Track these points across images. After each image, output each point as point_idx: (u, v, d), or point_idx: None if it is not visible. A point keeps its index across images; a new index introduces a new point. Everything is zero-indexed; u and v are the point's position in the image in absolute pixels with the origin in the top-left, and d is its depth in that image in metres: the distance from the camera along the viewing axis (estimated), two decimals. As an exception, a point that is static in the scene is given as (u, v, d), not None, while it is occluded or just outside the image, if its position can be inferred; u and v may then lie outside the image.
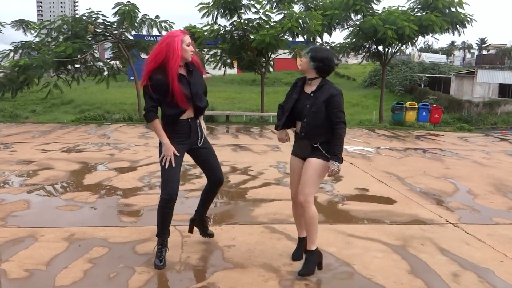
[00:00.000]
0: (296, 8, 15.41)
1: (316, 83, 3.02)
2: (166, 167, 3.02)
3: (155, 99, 2.99)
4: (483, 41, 76.75)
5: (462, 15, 14.81)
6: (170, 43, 2.94)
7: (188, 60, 3.04)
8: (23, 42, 14.44)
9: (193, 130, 3.14)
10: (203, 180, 5.82)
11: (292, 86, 3.16)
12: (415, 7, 15.65)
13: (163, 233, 3.13)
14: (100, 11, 14.31)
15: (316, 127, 2.97)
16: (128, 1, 14.13)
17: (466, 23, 14.97)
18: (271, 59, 16.21)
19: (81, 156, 7.54)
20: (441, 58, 46.14)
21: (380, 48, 16.05)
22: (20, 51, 14.36)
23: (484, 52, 67.35)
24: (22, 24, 15.19)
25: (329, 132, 2.96)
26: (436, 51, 59.95)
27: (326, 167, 2.97)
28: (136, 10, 14.14)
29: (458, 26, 15.04)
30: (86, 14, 14.40)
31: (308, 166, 3.00)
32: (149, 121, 3.08)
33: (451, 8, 14.85)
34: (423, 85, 29.11)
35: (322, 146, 2.99)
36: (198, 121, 3.19)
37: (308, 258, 3.04)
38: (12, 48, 14.31)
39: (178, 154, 3.06)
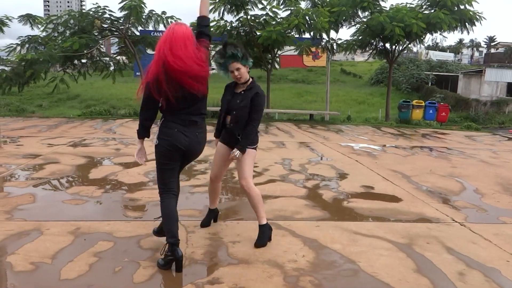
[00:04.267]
0: (303, 4, 15.32)
1: (249, 84, 3.46)
2: None
3: None
4: (491, 39, 76.04)
5: (471, 13, 14.64)
6: None
7: None
8: (30, 37, 14.48)
9: None
10: (208, 176, 5.83)
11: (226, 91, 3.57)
12: (423, 4, 15.51)
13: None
14: (107, 6, 14.31)
15: (239, 121, 3.41)
16: (135, -4, 14.11)
17: (475, 21, 14.80)
18: (277, 55, 16.16)
19: (87, 150, 7.56)
20: (448, 56, 45.84)
21: (387, 45, 15.93)
22: (27, 45, 14.40)
23: (492, 50, 66.68)
24: (29, 18, 15.22)
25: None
26: (443, 49, 59.52)
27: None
28: (143, 5, 14.13)
29: (466, 24, 14.88)
30: (93, 9, 14.40)
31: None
32: None
33: (460, 6, 14.69)
34: (430, 83, 28.91)
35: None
36: None
37: (262, 232, 3.48)
38: (19, 43, 14.35)
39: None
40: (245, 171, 3.44)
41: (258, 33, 14.11)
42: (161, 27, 15.33)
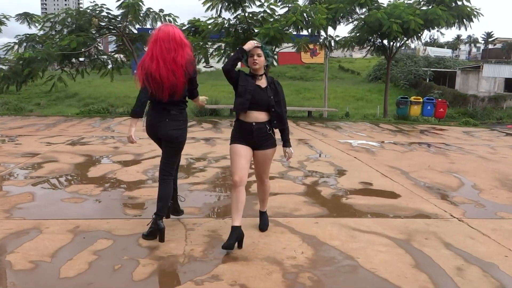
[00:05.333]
0: (301, 1, 15.29)
1: (264, 77, 3.43)
2: None
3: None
4: (489, 35, 76.04)
5: (468, 9, 14.64)
6: None
7: None
8: (28, 35, 14.42)
9: None
10: (207, 174, 5.87)
11: (243, 79, 3.36)
12: (421, 0, 15.51)
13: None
14: (104, 4, 14.26)
15: (282, 116, 3.43)
16: (132, -6, 14.07)
17: (472, 17, 14.81)
18: (275, 52, 16.13)
19: (85, 149, 7.56)
20: (446, 52, 45.84)
21: (385, 42, 15.94)
22: (25, 44, 14.35)
23: (490, 46, 66.73)
24: (26, 17, 15.16)
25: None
26: (441, 45, 59.47)
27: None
28: (140, 3, 14.09)
29: (464, 20, 14.88)
30: (90, 7, 14.35)
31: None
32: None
33: (458, 2, 14.69)
34: (428, 80, 28.94)
35: (273, 133, 3.50)
36: None
37: (265, 217, 3.76)
38: (17, 41, 14.30)
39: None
40: (268, 170, 3.65)
41: (256, 30, 14.07)
42: (159, 25, 15.29)
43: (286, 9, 14.41)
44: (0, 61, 15.03)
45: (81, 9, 15.34)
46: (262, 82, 3.38)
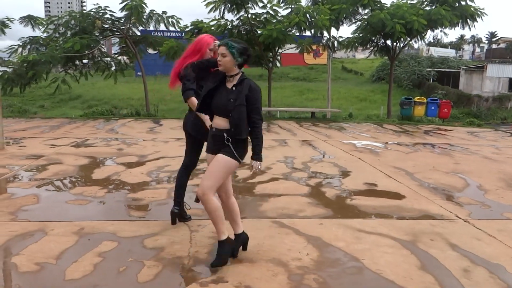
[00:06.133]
0: (304, 2, 15.30)
1: (237, 78, 3.00)
2: None
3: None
4: (493, 35, 75.80)
5: (472, 9, 14.58)
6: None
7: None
8: (32, 38, 14.51)
9: None
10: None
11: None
12: (424, 0, 15.47)
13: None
14: (108, 7, 14.36)
15: (239, 124, 2.93)
16: (135, -4, 14.13)
17: (476, 16, 14.74)
18: (278, 54, 16.14)
19: (89, 151, 7.57)
20: (450, 53, 45.72)
21: (388, 42, 15.90)
22: (29, 46, 14.45)
23: (494, 46, 66.47)
24: (30, 20, 15.25)
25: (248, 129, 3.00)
26: (445, 45, 59.35)
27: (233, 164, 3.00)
28: (143, 5, 14.14)
29: (468, 20, 14.82)
30: (94, 10, 14.44)
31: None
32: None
33: (461, 2, 14.64)
34: (431, 80, 28.85)
35: (235, 143, 2.96)
36: None
37: (219, 249, 3.05)
38: (21, 44, 14.39)
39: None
40: (209, 178, 2.94)
41: (259, 32, 14.09)
42: (162, 27, 15.34)
43: (289, 10, 14.43)
44: (4, 64, 15.11)
45: (84, 11, 15.43)
46: (231, 81, 3.00)
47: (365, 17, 15.38)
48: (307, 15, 13.70)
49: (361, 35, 15.79)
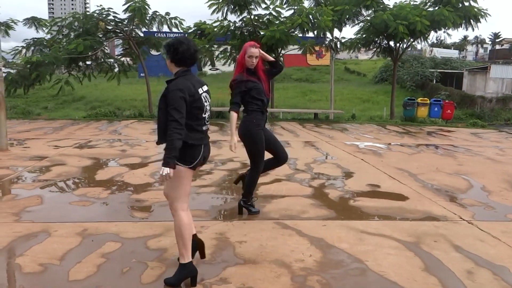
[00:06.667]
0: (306, 3, 15.29)
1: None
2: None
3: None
4: (496, 35, 75.49)
5: (475, 10, 14.53)
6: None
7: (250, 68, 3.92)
8: (35, 39, 14.56)
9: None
10: (214, 176, 5.86)
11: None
12: (427, 1, 15.43)
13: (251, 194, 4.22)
14: (111, 8, 14.36)
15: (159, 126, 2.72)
16: (139, -2, 14.16)
17: (479, 17, 14.69)
18: (281, 55, 16.13)
19: (92, 152, 7.59)
20: (453, 53, 45.53)
21: (391, 43, 15.86)
22: (32, 48, 14.50)
23: (497, 47, 66.21)
24: (34, 21, 15.31)
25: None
26: (448, 46, 59.15)
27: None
28: (147, 7, 14.17)
29: (471, 20, 14.77)
30: (97, 11, 14.46)
31: None
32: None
33: (464, 3, 14.59)
34: (434, 81, 28.76)
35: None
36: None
37: (177, 271, 2.78)
38: (25, 45, 14.45)
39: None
40: (171, 193, 2.77)
41: (261, 33, 14.08)
42: (165, 28, 15.37)
43: (292, 11, 14.43)
44: (8, 65, 15.16)
45: (87, 13, 15.47)
46: None
47: (368, 18, 15.35)
48: (310, 16, 13.68)
49: (364, 36, 15.76)
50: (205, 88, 2.86)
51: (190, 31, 14.98)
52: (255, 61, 3.89)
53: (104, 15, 14.37)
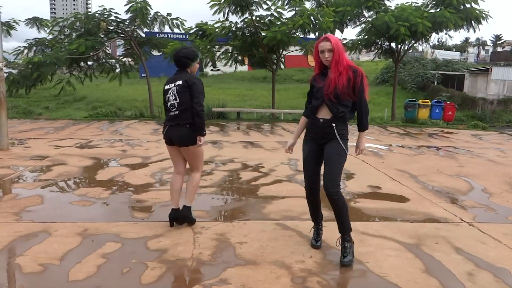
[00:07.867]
0: (308, 4, 15.30)
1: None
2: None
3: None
4: (498, 37, 75.43)
5: (477, 11, 14.52)
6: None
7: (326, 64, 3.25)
8: (37, 39, 14.60)
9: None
10: (215, 177, 5.86)
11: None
12: (428, 3, 15.42)
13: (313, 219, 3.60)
14: (113, 8, 14.39)
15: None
16: (140, -2, 14.18)
17: (481, 19, 14.68)
18: (282, 56, 16.14)
19: (93, 152, 7.60)
20: (454, 55, 45.52)
21: (393, 45, 15.86)
22: (34, 48, 14.54)
23: (499, 49, 66.12)
24: (35, 21, 15.35)
25: None
26: (449, 48, 59.14)
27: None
28: (148, 7, 14.19)
29: (472, 22, 14.76)
30: (99, 12, 14.49)
31: None
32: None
33: (466, 4, 14.57)
34: (436, 82, 28.74)
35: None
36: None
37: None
38: (26, 45, 14.49)
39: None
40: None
41: (263, 34, 14.10)
42: (167, 29, 15.39)
43: (293, 12, 14.44)
44: (10, 65, 15.18)
45: (89, 13, 15.49)
46: None
47: (370, 19, 15.35)
48: (311, 17, 13.69)
49: (365, 37, 15.75)
50: (177, 83, 3.77)
51: (191, 31, 15.00)
52: (328, 56, 3.17)
53: (105, 16, 14.39)
